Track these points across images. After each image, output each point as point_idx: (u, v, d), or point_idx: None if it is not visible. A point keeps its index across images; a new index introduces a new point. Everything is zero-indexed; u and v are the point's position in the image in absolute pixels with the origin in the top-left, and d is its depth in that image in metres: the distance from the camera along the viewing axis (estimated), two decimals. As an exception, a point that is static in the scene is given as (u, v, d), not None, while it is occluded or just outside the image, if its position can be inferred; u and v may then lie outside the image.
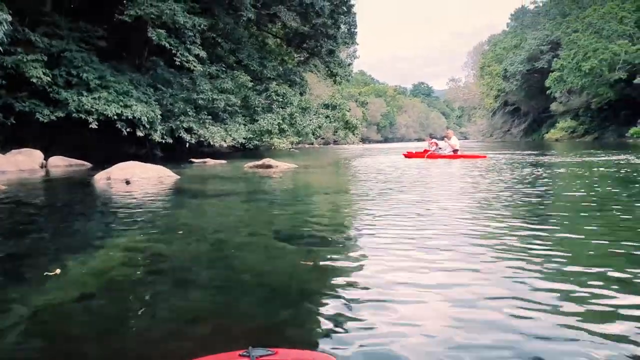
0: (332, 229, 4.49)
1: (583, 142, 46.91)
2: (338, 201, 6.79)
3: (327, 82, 39.75)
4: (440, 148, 19.08)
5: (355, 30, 26.61)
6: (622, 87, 45.07)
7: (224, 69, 20.08)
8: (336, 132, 24.80)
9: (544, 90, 57.40)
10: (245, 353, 1.66)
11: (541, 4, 72.76)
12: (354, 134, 25.16)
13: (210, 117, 18.72)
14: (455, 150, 18.67)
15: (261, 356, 1.64)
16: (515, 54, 68.25)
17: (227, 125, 19.43)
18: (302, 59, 27.90)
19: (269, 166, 13.53)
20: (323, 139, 61.68)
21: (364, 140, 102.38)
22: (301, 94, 24.36)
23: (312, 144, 60.89)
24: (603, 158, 16.19)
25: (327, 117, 22.53)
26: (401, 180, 9.58)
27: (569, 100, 56.32)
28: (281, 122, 20.19)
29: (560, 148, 31.94)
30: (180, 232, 4.47)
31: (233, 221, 5.09)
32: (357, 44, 28.38)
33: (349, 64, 29.31)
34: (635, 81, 42.42)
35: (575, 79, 47.42)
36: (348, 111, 24.52)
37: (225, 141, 18.74)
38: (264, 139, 20.16)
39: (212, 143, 18.63)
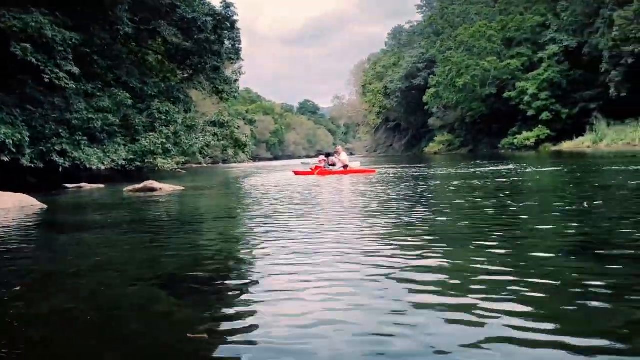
0: (223, 265, 3.88)
1: (459, 154, 49.58)
2: (228, 228, 6.18)
3: (214, 99, 38.70)
4: (330, 164, 19.00)
5: (240, 46, 25.98)
6: (493, 101, 48.22)
7: (100, 86, 18.59)
8: (225, 150, 23.88)
9: (422, 106, 60.22)
10: None
11: (416, 24, 76.71)
12: (244, 152, 24.42)
13: (86, 138, 17.16)
14: (345, 166, 18.69)
15: None
16: (394, 72, 71.17)
17: (105, 147, 17.97)
18: (185, 76, 26.81)
19: (152, 189, 12.42)
20: (211, 158, 60.10)
21: (254, 158, 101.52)
22: (186, 112, 23.23)
23: (200, 163, 59.18)
24: (480, 169, 16.92)
25: (214, 135, 21.62)
26: (293, 199, 9.11)
27: (445, 115, 59.46)
28: (165, 141, 18.98)
29: (440, 160, 33.45)
30: (31, 281, 3.62)
31: (104, 263, 4.19)
32: (243, 60, 27.77)
33: (235, 80, 28.54)
34: (504, 95, 45.55)
35: (451, 95, 50.13)
36: (237, 129, 23.75)
37: (103, 163, 17.23)
38: (146, 160, 18.85)
39: (88, 166, 17.02)
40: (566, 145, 39.54)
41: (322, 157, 19.98)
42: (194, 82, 27.11)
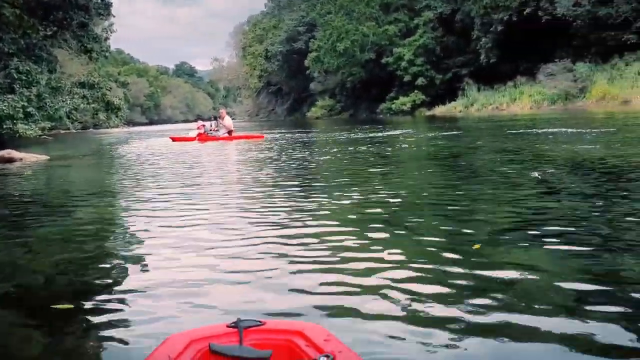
0: (96, 258, 3.36)
1: (340, 119, 50.26)
2: (101, 207, 5.41)
3: (82, 59, 35.74)
4: (213, 130, 18.10)
5: (110, 1, 23.92)
6: (372, 66, 49.14)
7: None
8: (96, 114, 22.04)
9: (304, 70, 60.03)
10: (233, 324, 1.62)
11: (295, -14, 75.75)
12: (117, 117, 22.70)
13: None
14: (230, 132, 17.86)
15: (249, 327, 1.61)
16: (275, 35, 70.17)
17: (-47, 111, 15.82)
18: (49, 32, 24.27)
19: (11, 159, 11.01)
20: (81, 123, 55.78)
21: (128, 123, 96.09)
22: (50, 72, 21.03)
23: (69, 129, 54.84)
24: (374, 134, 17.09)
25: (83, 97, 19.78)
26: (172, 171, 8.47)
27: (326, 80, 59.76)
28: (26, 104, 17.00)
29: (325, 125, 33.69)
30: None
31: None
32: (114, 17, 25.66)
33: (106, 39, 26.42)
34: (382, 61, 46.57)
35: (332, 59, 50.34)
36: (109, 90, 21.95)
37: (-49, 130, 15.16)
38: (5, 126, 16.79)
39: None
40: (439, 110, 41.32)
41: (200, 123, 19.01)
42: (58, 40, 24.68)
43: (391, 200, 4.74)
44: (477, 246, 2.93)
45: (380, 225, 3.70)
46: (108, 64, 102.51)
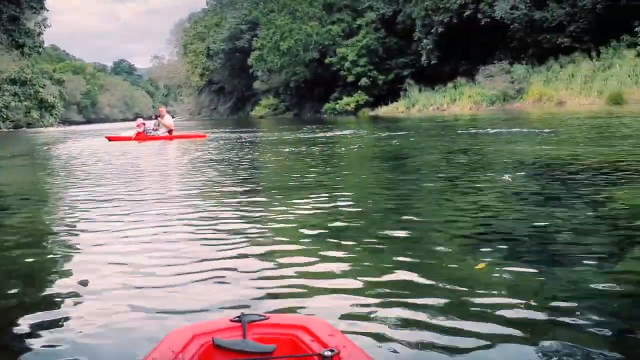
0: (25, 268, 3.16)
1: (285, 118, 50.09)
2: (29, 214, 5.05)
3: (14, 55, 34.22)
4: (153, 129, 17.46)
5: (43, -6, 22.89)
6: (316, 66, 49.11)
7: None
8: (28, 112, 21.00)
9: (247, 68, 59.41)
10: (237, 319, 1.61)
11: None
12: (51, 115, 21.71)
13: None
14: (170, 131, 17.31)
15: (253, 321, 1.60)
16: (217, 33, 69.10)
17: None
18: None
19: None
20: (12, 122, 53.25)
21: (64, 122, 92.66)
22: (-24, 68, 19.95)
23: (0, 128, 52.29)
24: (322, 134, 17.00)
25: (15, 94, 18.79)
26: (108, 173, 8.07)
27: (270, 79, 59.32)
28: (-49, 102, 16.03)
29: (269, 125, 33.43)
30: None
31: None
32: (48, 10, 24.58)
33: (39, 34, 25.28)
34: (326, 61, 46.63)
35: (275, 58, 50.00)
36: (42, 87, 20.95)
37: None
38: None
39: None
40: (382, 111, 41.71)
41: (140, 121, 18.22)
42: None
43: (345, 203, 4.66)
44: (481, 265, 2.72)
45: (341, 227, 3.76)
46: (43, 60, 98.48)
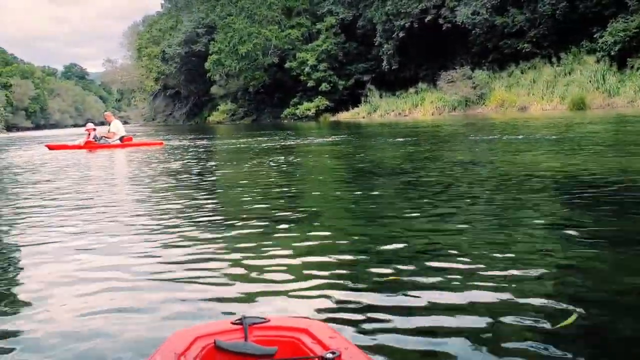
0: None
1: (243, 124, 49.13)
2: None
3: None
4: (105, 137, 16.05)
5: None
6: (275, 71, 48.27)
7: None
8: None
9: (204, 73, 58.02)
10: (238, 321, 1.64)
11: (193, -14, 73.13)
12: (-10, 121, 20.10)
13: None
14: (121, 137, 15.98)
15: (254, 324, 1.62)
16: (172, 36, 67.38)
17: None
18: None
19: None
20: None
21: (10, 127, 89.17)
22: None
23: None
24: (291, 141, 16.13)
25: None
26: (48, 189, 6.99)
27: (227, 84, 58.10)
28: None
29: (225, 131, 32.39)
30: None
31: None
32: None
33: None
34: (286, 65, 45.83)
35: (233, 62, 48.83)
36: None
37: None
38: None
39: None
40: (343, 116, 41.32)
41: (90, 126, 16.72)
42: None
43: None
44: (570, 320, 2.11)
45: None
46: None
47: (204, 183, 7.00)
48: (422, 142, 12.18)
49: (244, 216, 4.34)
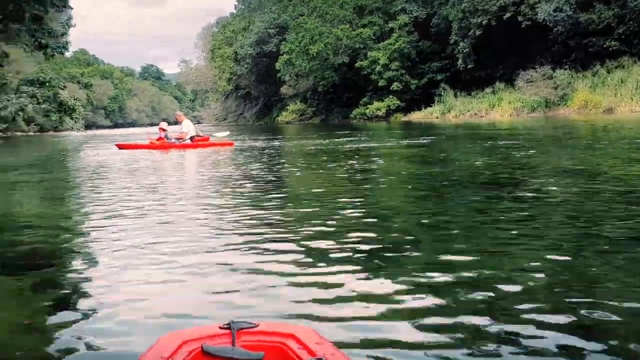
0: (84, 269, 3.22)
1: (312, 124, 48.94)
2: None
3: (39, 57, 33.55)
4: (176, 137, 15.80)
5: (66, -9, 21.86)
6: (345, 70, 47.83)
7: None
8: (47, 115, 19.93)
9: (274, 74, 58.41)
10: (226, 326, 1.64)
11: (266, -13, 73.83)
12: (72, 118, 20.60)
13: None
14: (192, 137, 15.71)
15: (242, 329, 1.63)
16: (245, 37, 68.27)
17: None
18: (1, 27, 22.15)
19: None
20: (38, 125, 52.80)
21: (90, 126, 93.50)
22: (-5, 68, 18.92)
23: (24, 132, 51.83)
24: (371, 144, 15.62)
25: (33, 96, 17.67)
26: (118, 184, 6.76)
27: (297, 84, 58.23)
28: (-37, 103, 14.90)
29: (295, 131, 32.17)
30: None
31: None
32: (72, 9, 23.58)
33: (63, 33, 24.30)
34: (356, 65, 45.24)
35: (303, 63, 48.74)
36: (63, 89, 19.81)
37: None
38: None
39: None
40: (415, 116, 40.36)
41: (164, 124, 16.55)
42: (10, 35, 22.62)
43: (374, 214, 4.47)
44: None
45: (362, 237, 3.59)
46: (71, 64, 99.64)
47: (272, 187, 6.65)
48: (513, 145, 11.28)
49: (311, 229, 3.94)
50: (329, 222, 4.08)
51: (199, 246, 3.49)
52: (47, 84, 18.42)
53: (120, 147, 15.63)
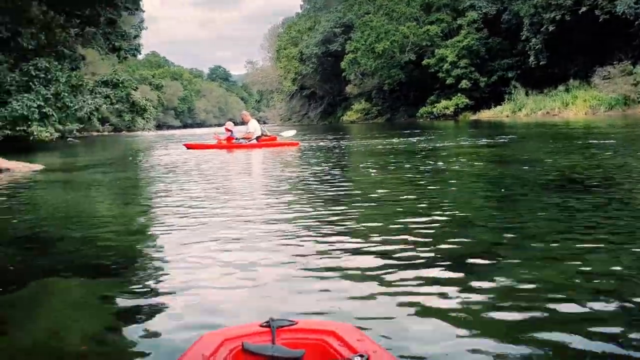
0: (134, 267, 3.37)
1: (377, 123, 48.43)
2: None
3: (113, 59, 34.73)
4: (244, 137, 15.87)
5: (139, -5, 22.51)
6: (412, 68, 47.02)
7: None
8: (120, 116, 20.54)
9: (339, 72, 58.29)
10: (266, 324, 1.65)
11: (332, -13, 73.79)
12: (143, 118, 21.18)
13: None
14: (258, 137, 15.74)
15: (282, 326, 1.63)
16: (310, 37, 68.55)
17: (-36, 110, 14.41)
18: (76, 30, 23.07)
19: None
20: (112, 125, 54.97)
21: (161, 126, 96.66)
22: (73, 70, 19.58)
23: (99, 131, 54.02)
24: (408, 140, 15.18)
25: (107, 97, 18.24)
26: (186, 183, 6.72)
27: (362, 83, 57.87)
28: (43, 104, 15.48)
29: (360, 130, 31.87)
30: None
31: None
32: (144, 11, 24.30)
33: (135, 36, 25.05)
34: (423, 62, 44.39)
35: (369, 61, 48.32)
36: (135, 89, 20.36)
37: (-42, 131, 13.67)
38: (18, 127, 15.22)
39: None
40: (484, 115, 39.16)
41: (230, 125, 16.60)
42: (87, 38, 23.47)
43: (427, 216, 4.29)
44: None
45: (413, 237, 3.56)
46: (143, 66, 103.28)
47: (336, 187, 6.46)
48: (595, 145, 10.58)
49: (370, 231, 3.85)
50: (390, 224, 3.97)
51: (255, 246, 3.50)
52: (120, 85, 18.97)
53: (188, 147, 15.88)
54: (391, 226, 3.92)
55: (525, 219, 4.06)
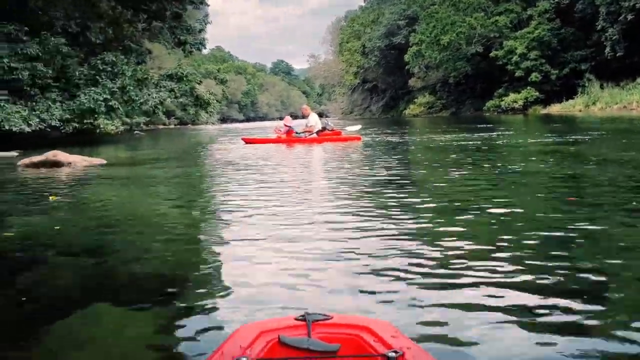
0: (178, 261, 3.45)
1: (441, 117, 47.25)
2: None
3: (179, 53, 35.27)
4: (306, 131, 15.44)
5: (204, -11, 22.64)
6: (479, 60, 45.56)
7: (27, 29, 15.16)
8: (184, 109, 20.69)
9: (402, 66, 57.31)
10: (301, 317, 1.66)
11: (396, -21, 72.63)
12: (206, 112, 21.25)
13: (6, 92, 13.91)
14: (318, 131, 15.30)
15: (317, 321, 1.64)
16: (373, 30, 67.81)
17: (35, 104, 14.77)
18: (144, 24, 23.48)
19: (57, 163, 8.99)
20: (177, 119, 56.20)
21: (225, 119, 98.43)
22: (139, 64, 19.85)
23: (165, 124, 55.38)
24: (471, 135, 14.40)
25: (171, 90, 18.37)
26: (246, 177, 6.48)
27: (426, 76, 56.69)
28: (109, 97, 15.69)
29: (425, 124, 31.01)
30: None
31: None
32: (208, 5, 24.44)
33: (200, 30, 25.26)
34: (491, 54, 42.85)
35: (434, 53, 47.16)
36: (199, 83, 20.43)
37: (29, 124, 14.00)
38: (85, 120, 15.50)
39: (7, 127, 13.68)
40: (555, 109, 37.40)
41: (288, 119, 16.16)
42: (154, 33, 23.83)
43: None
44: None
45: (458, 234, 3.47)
46: (208, 61, 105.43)
47: (396, 184, 6.12)
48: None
49: (423, 229, 3.76)
50: (452, 226, 3.77)
51: (307, 246, 3.42)
52: (184, 79, 19.07)
53: (247, 141, 15.68)
54: (453, 229, 3.67)
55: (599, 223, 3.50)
